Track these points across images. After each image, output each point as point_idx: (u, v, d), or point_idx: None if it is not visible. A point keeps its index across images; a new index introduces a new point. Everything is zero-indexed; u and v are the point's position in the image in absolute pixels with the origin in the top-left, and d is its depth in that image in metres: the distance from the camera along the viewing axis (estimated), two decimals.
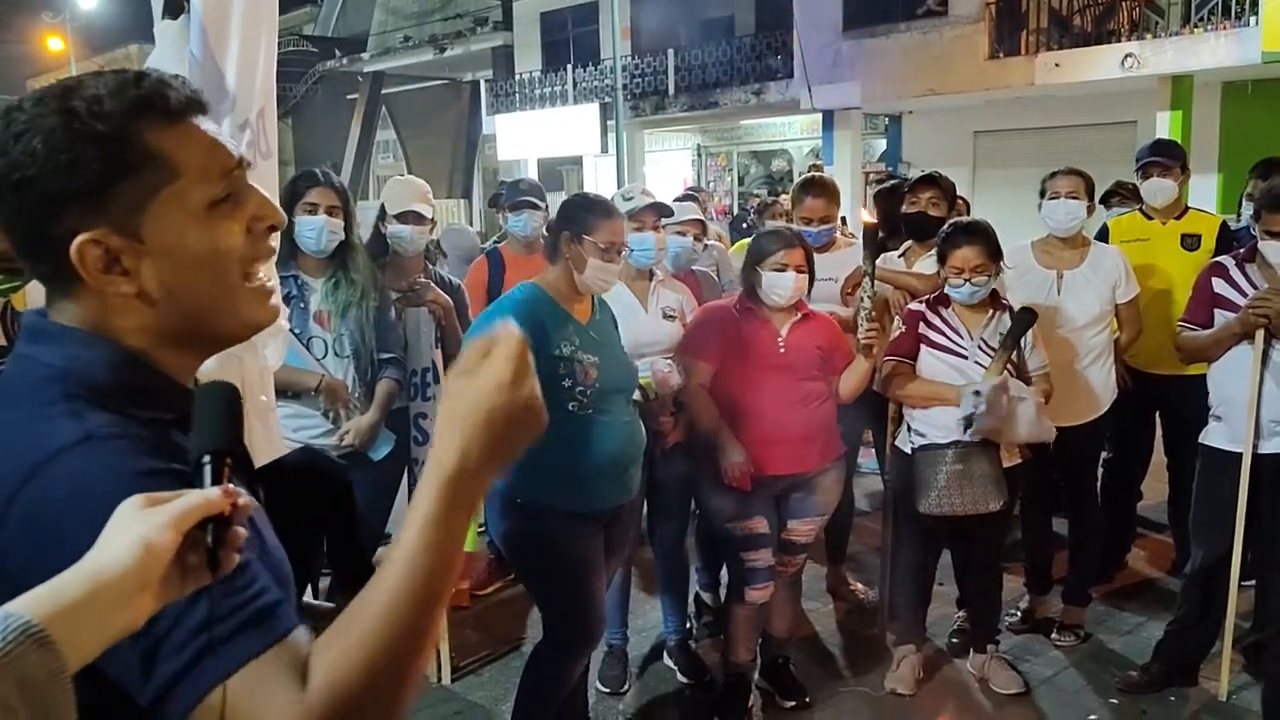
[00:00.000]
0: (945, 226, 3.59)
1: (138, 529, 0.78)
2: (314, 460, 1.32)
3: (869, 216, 3.34)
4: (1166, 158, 4.31)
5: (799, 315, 3.31)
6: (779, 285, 3.21)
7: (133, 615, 0.77)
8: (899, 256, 4.19)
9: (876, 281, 3.32)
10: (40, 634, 0.69)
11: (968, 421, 3.26)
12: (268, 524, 1.03)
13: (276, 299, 1.08)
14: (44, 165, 0.94)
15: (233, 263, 1.02)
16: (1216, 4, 12.21)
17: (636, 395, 3.12)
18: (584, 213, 2.87)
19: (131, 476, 0.87)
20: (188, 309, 1.01)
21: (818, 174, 5.33)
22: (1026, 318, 3.38)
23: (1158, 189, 4.28)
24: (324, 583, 1.50)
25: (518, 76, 22.64)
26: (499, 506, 2.83)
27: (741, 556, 3.32)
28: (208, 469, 0.85)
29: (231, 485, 0.83)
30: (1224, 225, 4.31)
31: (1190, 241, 4.22)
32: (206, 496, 0.81)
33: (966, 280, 3.38)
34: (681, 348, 3.38)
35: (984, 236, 3.40)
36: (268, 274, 1.07)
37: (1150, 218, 4.34)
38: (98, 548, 0.77)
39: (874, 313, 3.25)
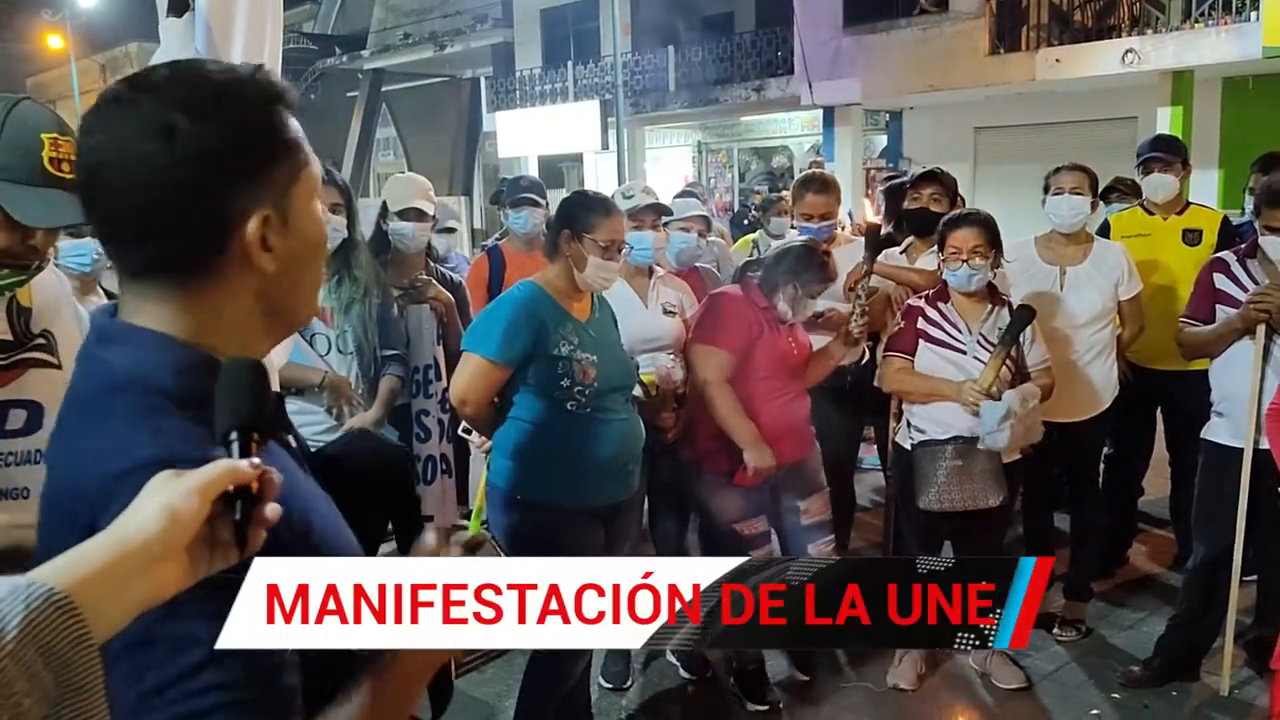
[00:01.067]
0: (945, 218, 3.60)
1: (163, 496, 0.78)
2: (374, 446, 1.34)
3: (874, 216, 3.41)
4: (1168, 153, 4.31)
5: None
6: (811, 309, 3.40)
7: (158, 584, 0.76)
8: (901, 253, 4.19)
9: (879, 277, 3.54)
10: (64, 601, 0.69)
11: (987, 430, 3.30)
12: (323, 498, 1.06)
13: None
14: (216, 145, 0.94)
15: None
16: None
17: (638, 391, 3.13)
18: (584, 211, 2.87)
19: None
20: (286, 295, 1.04)
21: (818, 170, 5.33)
22: (1025, 314, 3.38)
23: (1159, 184, 4.28)
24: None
25: (518, 73, 22.58)
26: (500, 502, 2.84)
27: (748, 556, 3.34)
28: (235, 444, 0.84)
29: (259, 461, 0.83)
30: (1225, 220, 4.31)
31: (1191, 237, 4.23)
32: (233, 465, 0.81)
33: (965, 262, 3.38)
34: (700, 335, 3.36)
35: (984, 222, 3.42)
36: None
37: (1151, 213, 4.34)
38: (124, 516, 0.77)
39: (867, 306, 3.43)
